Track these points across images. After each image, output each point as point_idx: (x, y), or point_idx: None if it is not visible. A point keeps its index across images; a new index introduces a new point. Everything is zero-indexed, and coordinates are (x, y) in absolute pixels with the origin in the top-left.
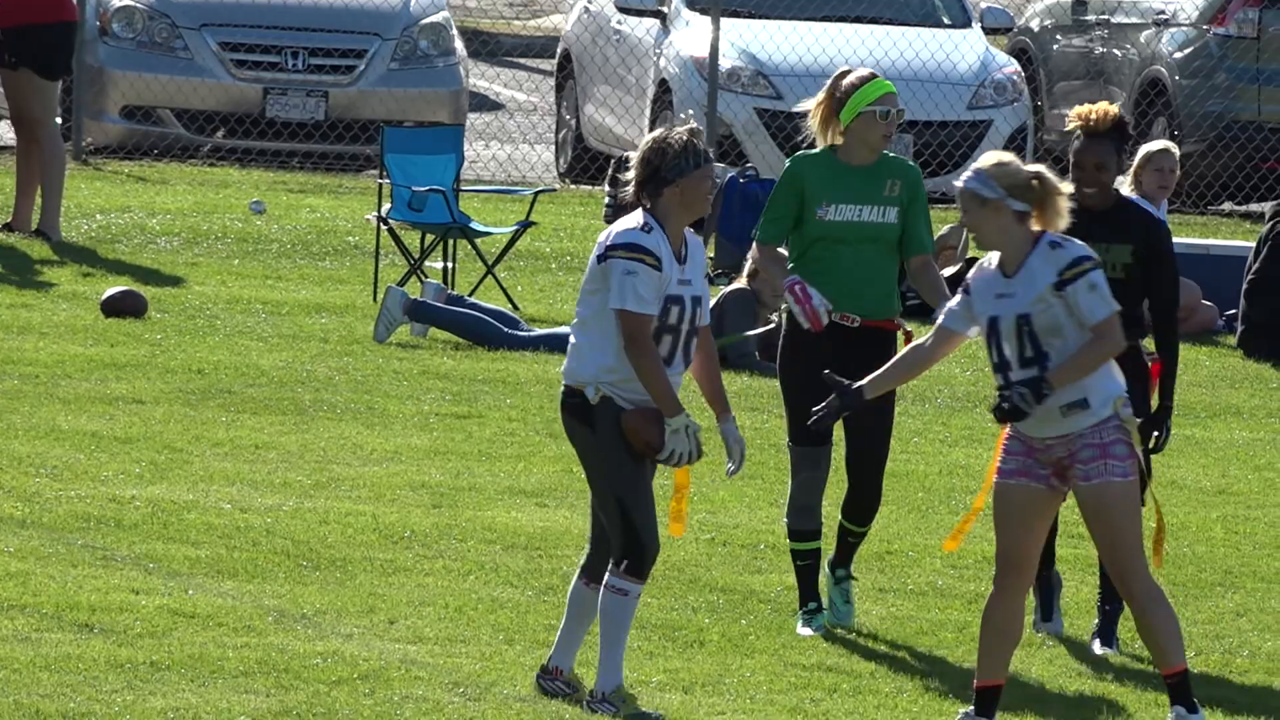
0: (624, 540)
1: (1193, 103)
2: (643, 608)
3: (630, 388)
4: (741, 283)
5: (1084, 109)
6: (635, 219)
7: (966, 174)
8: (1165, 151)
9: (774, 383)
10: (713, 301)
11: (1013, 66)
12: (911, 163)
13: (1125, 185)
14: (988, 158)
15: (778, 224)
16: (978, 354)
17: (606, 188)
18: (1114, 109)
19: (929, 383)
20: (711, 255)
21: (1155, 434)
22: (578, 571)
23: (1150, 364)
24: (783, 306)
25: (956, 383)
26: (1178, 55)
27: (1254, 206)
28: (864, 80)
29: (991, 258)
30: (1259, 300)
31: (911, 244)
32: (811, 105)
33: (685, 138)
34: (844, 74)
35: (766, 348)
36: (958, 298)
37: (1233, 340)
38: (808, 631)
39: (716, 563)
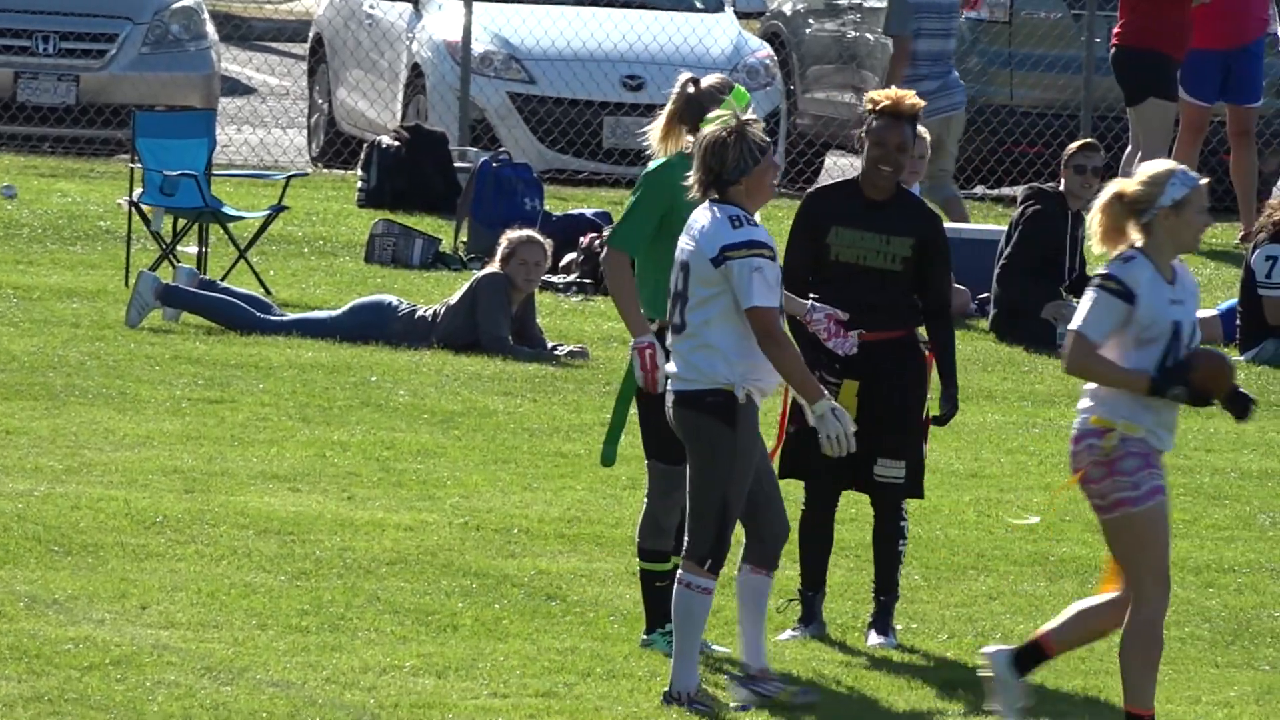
0: (714, 542)
1: None
2: (395, 592)
3: (758, 377)
4: (494, 266)
5: (888, 92)
6: (716, 213)
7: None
8: (922, 138)
9: (527, 367)
10: (466, 285)
11: (765, 50)
12: None
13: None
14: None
15: (639, 234)
16: None
17: (360, 171)
18: (916, 98)
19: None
20: (464, 240)
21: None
22: (740, 564)
23: (926, 353)
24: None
25: None
26: None
27: (1006, 190)
28: (727, 87)
29: (1141, 260)
30: (1011, 284)
31: None
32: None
33: (738, 134)
34: (694, 80)
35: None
36: (1106, 302)
37: (985, 324)
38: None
39: (470, 547)
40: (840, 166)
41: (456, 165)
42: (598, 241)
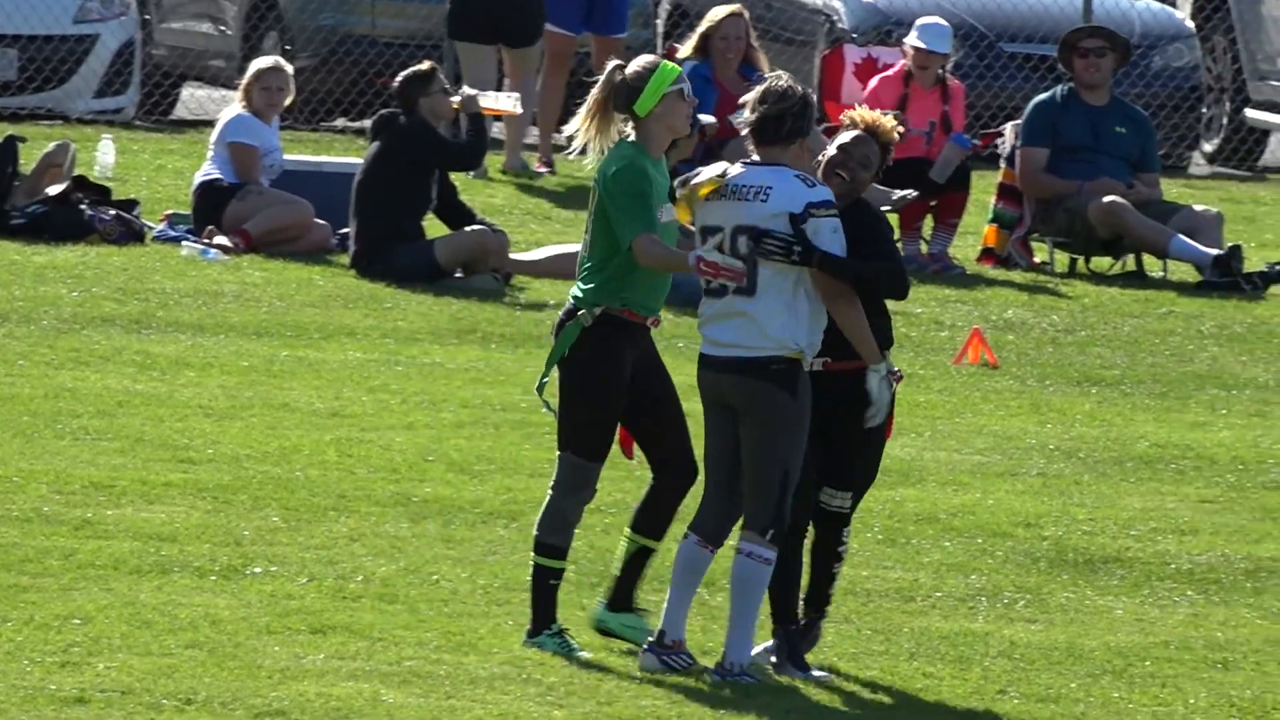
0: (776, 512)
1: (304, 17)
2: None
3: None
4: None
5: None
6: (777, 173)
7: None
8: (275, 69)
9: None
10: None
11: None
12: None
13: (238, 103)
14: None
15: (649, 217)
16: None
17: None
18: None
19: (34, 304)
20: None
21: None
22: (688, 534)
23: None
24: (595, 311)
25: (63, 304)
26: None
27: (367, 123)
28: (655, 66)
29: None
30: (367, 218)
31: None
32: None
33: (804, 103)
34: (620, 67)
35: None
36: None
37: (345, 259)
38: (585, 654)
39: None
40: (198, 98)
41: None
42: None
